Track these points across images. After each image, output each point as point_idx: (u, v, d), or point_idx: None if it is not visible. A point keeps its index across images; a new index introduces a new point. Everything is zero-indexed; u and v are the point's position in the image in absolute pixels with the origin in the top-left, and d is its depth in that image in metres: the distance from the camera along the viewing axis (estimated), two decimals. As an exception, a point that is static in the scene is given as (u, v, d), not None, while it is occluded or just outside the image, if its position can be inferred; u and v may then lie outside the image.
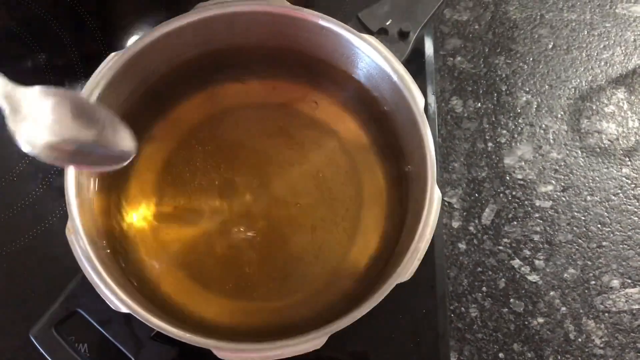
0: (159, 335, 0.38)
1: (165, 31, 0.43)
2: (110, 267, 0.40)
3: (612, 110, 0.59)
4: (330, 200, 0.47)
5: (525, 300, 0.53)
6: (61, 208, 0.51)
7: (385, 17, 0.48)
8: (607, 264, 0.54)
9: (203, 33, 0.45)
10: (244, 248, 0.45)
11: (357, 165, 0.48)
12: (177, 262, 0.45)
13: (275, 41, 0.47)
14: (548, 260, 0.54)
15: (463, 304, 0.53)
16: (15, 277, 0.49)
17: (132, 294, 0.39)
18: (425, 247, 0.40)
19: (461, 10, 0.62)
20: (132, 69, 0.43)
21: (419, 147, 0.43)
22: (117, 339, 0.40)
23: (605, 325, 0.53)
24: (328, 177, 0.48)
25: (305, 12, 0.45)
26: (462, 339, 0.52)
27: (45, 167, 0.52)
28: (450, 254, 0.54)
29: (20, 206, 0.51)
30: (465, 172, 0.56)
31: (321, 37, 0.45)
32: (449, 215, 0.55)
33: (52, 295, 0.41)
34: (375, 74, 0.45)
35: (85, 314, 0.40)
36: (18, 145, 0.31)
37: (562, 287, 0.54)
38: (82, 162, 0.34)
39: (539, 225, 0.55)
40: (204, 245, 0.45)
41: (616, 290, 0.54)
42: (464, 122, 0.58)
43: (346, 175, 0.48)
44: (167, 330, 0.37)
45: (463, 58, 0.60)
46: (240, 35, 0.46)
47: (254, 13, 0.45)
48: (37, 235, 0.50)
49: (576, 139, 0.58)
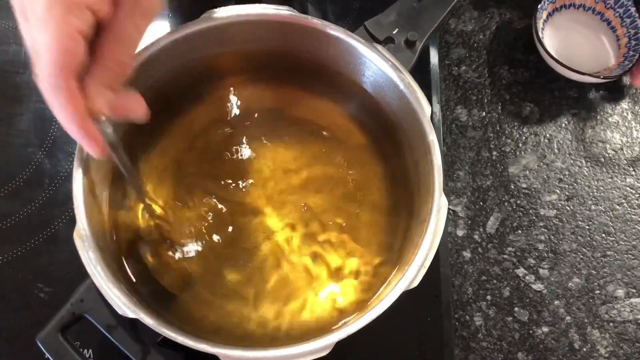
0: (165, 341, 0.38)
1: (173, 38, 0.44)
2: (117, 272, 0.40)
3: (616, 120, 0.60)
4: (335, 208, 0.47)
5: (529, 309, 0.53)
6: (67, 213, 0.51)
7: (392, 26, 0.48)
8: (611, 274, 0.54)
9: (211, 40, 0.46)
10: (253, 255, 0.46)
11: (361, 172, 0.48)
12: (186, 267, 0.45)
13: (283, 49, 0.47)
14: (553, 269, 0.54)
15: (467, 312, 0.53)
16: (21, 281, 0.49)
17: (139, 299, 0.39)
18: (432, 255, 0.40)
19: (466, 20, 0.62)
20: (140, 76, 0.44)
21: (425, 155, 0.43)
22: (124, 344, 0.40)
23: (610, 335, 0.53)
24: (333, 183, 0.48)
25: (313, 20, 0.45)
26: (467, 347, 0.52)
27: (51, 173, 0.52)
28: (455, 262, 0.54)
29: (26, 211, 0.51)
30: (470, 181, 0.57)
31: (329, 45, 0.46)
32: (454, 224, 0.55)
33: (58, 300, 0.41)
34: (382, 82, 0.46)
35: (91, 319, 0.40)
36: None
37: (567, 296, 0.54)
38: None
39: (543, 234, 0.55)
40: (212, 251, 0.45)
41: (621, 299, 0.54)
42: (468, 130, 0.58)
43: (351, 182, 0.48)
44: (174, 336, 0.37)
45: (468, 67, 0.61)
46: (248, 42, 0.47)
47: (262, 21, 0.45)
48: (43, 240, 0.50)
49: (580, 149, 0.58)
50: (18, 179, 0.52)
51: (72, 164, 0.47)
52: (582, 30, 0.61)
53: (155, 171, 0.47)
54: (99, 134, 0.33)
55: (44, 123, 0.54)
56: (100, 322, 0.40)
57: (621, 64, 0.58)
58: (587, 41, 0.61)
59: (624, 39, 0.59)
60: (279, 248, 0.46)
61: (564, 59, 0.56)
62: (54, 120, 0.54)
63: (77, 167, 0.40)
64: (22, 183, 0.52)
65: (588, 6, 0.61)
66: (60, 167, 0.52)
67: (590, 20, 0.61)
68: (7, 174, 0.52)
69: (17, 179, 0.52)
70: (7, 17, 0.57)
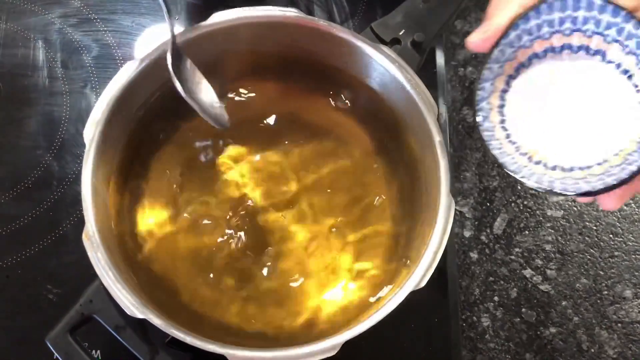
0: (174, 342, 0.38)
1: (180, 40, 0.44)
2: (125, 273, 0.40)
3: (623, 121, 0.60)
4: (341, 209, 0.48)
5: (537, 309, 0.53)
6: (75, 214, 0.51)
7: (398, 28, 0.48)
8: (619, 274, 0.54)
9: (218, 42, 0.46)
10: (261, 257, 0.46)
11: (369, 173, 0.49)
12: (193, 269, 0.45)
13: (290, 50, 0.47)
14: (560, 270, 0.54)
15: (475, 313, 0.53)
16: (30, 283, 0.49)
17: (147, 300, 0.39)
18: (440, 255, 0.40)
19: (472, 22, 0.63)
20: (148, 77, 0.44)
21: (432, 156, 0.43)
22: (132, 344, 0.40)
23: (618, 335, 0.52)
24: (340, 184, 0.48)
25: (320, 22, 0.45)
26: (474, 348, 0.52)
27: (59, 175, 0.53)
28: (462, 263, 0.54)
29: (35, 213, 0.51)
30: (477, 182, 0.57)
31: (335, 47, 0.46)
32: (461, 225, 0.55)
33: (67, 301, 0.41)
34: (388, 83, 0.46)
35: (100, 320, 0.40)
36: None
37: (574, 297, 0.53)
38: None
39: (550, 235, 0.55)
40: (219, 253, 0.45)
41: (629, 300, 0.53)
42: (475, 131, 0.58)
43: (358, 183, 0.48)
44: (182, 336, 0.37)
45: (474, 68, 0.61)
46: (254, 44, 0.47)
47: (268, 23, 0.45)
48: (52, 241, 0.50)
49: (587, 149, 0.58)
50: (26, 181, 0.52)
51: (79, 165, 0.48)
52: (571, 90, 0.37)
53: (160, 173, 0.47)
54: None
55: (51, 125, 0.54)
56: (109, 322, 0.40)
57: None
58: (581, 108, 0.37)
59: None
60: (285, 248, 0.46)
61: (545, 154, 0.37)
62: (61, 122, 0.54)
63: (85, 169, 0.41)
64: (31, 185, 0.52)
65: (576, 45, 0.36)
66: (68, 169, 0.53)
67: (586, 69, 0.36)
68: (16, 176, 0.52)
69: (25, 181, 0.52)
70: (15, 21, 0.57)
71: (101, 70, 0.56)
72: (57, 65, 0.56)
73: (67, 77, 0.56)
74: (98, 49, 0.57)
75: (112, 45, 0.57)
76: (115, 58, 0.57)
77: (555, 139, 0.37)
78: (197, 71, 0.43)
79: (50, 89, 0.55)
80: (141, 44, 0.57)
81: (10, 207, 0.51)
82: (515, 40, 0.36)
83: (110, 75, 0.43)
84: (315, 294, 0.45)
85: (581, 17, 0.35)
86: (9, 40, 0.57)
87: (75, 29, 0.57)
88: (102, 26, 0.58)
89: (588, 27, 0.35)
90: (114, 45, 0.57)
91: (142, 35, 0.58)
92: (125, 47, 0.57)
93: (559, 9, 0.35)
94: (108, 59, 0.57)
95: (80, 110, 0.54)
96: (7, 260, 0.50)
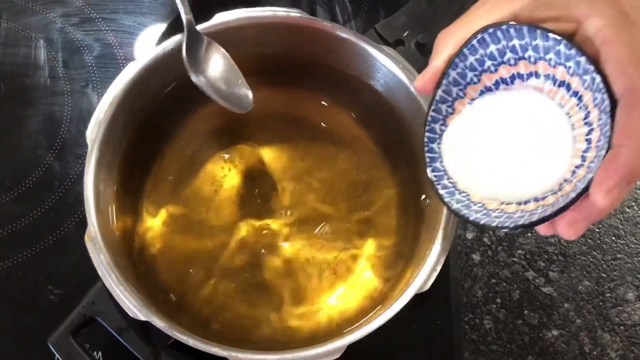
0: (176, 344, 0.38)
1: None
2: (128, 274, 0.40)
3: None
4: (344, 212, 0.47)
5: (539, 312, 0.53)
6: (77, 215, 0.51)
7: (402, 29, 0.48)
8: (621, 277, 0.54)
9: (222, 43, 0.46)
10: (263, 258, 0.46)
11: (372, 175, 0.48)
12: (196, 270, 0.45)
13: (293, 51, 0.47)
14: (562, 272, 0.54)
15: (477, 315, 0.53)
16: (32, 284, 0.49)
17: (150, 302, 0.39)
18: (444, 257, 0.40)
19: (475, 22, 0.62)
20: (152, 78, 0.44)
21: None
22: (134, 346, 0.40)
23: (621, 338, 0.52)
24: (344, 187, 0.48)
25: (324, 23, 0.45)
26: (477, 350, 0.52)
27: (61, 175, 0.52)
28: (465, 265, 0.54)
29: (36, 213, 0.51)
30: (480, 183, 0.56)
31: (339, 48, 0.46)
32: (463, 227, 0.55)
33: (68, 302, 0.41)
34: (392, 84, 0.46)
35: (102, 322, 0.40)
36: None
37: (577, 299, 0.53)
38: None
39: (553, 237, 0.55)
40: (223, 254, 0.45)
41: (631, 303, 0.53)
42: (477, 133, 0.58)
43: (361, 185, 0.48)
44: (185, 339, 0.37)
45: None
46: (258, 45, 0.47)
47: (272, 24, 0.45)
48: (53, 242, 0.50)
49: (590, 151, 0.58)
50: (28, 181, 0.52)
51: (81, 166, 0.48)
52: (512, 123, 0.35)
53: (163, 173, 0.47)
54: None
55: (53, 125, 0.54)
56: (111, 324, 0.40)
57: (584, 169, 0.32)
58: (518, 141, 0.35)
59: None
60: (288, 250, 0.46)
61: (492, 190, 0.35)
62: (63, 122, 0.54)
63: (87, 169, 0.40)
64: (32, 185, 0.52)
65: (525, 73, 0.35)
66: (69, 169, 0.53)
67: (531, 98, 0.35)
68: (17, 177, 0.52)
69: (26, 181, 0.52)
70: (17, 20, 0.57)
71: (103, 69, 0.56)
72: (58, 64, 0.56)
73: (68, 76, 0.55)
74: (100, 49, 0.57)
75: (114, 45, 0.57)
76: (117, 58, 0.56)
77: (491, 176, 0.35)
78: (219, 53, 0.43)
79: (51, 89, 0.55)
80: (143, 44, 0.57)
81: (11, 208, 0.51)
82: (459, 78, 0.36)
83: (112, 74, 0.43)
84: (319, 297, 0.45)
85: (517, 45, 0.34)
86: (10, 39, 0.56)
87: (77, 29, 0.57)
88: (104, 25, 0.57)
89: (529, 53, 0.34)
90: (116, 45, 0.57)
91: (144, 34, 0.57)
92: (127, 46, 0.57)
93: (493, 41, 0.34)
94: (110, 58, 0.56)
95: (82, 110, 0.54)
96: (8, 261, 0.49)
